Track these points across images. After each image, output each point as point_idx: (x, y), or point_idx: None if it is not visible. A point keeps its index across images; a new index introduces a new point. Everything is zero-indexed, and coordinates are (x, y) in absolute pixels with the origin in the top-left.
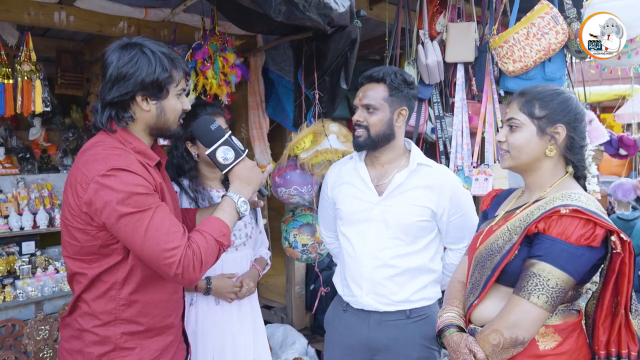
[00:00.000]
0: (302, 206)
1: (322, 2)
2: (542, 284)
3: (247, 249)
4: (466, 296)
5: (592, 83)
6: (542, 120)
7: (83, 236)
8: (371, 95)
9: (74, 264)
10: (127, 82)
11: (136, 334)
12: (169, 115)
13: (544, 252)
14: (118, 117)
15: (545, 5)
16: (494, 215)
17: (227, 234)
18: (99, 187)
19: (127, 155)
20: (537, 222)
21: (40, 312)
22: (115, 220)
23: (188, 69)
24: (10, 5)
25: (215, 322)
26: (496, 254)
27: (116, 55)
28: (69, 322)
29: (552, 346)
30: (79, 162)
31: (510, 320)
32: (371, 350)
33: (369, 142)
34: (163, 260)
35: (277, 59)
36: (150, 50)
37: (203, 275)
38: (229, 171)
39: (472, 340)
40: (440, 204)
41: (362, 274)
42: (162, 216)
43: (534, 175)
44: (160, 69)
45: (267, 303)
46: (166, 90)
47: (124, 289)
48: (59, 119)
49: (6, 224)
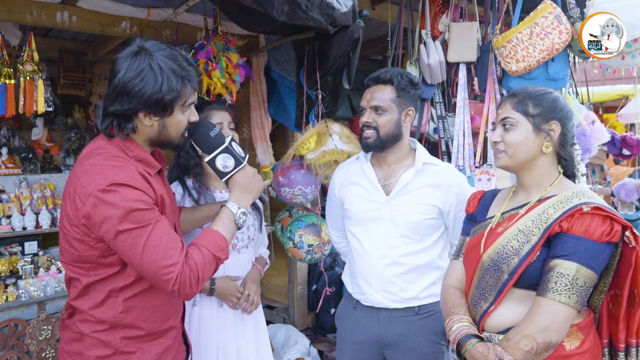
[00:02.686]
0: (299, 206)
1: (324, 2)
2: (571, 284)
3: (249, 251)
4: (473, 303)
5: (595, 83)
6: (537, 118)
7: (81, 246)
8: (379, 96)
9: (72, 270)
10: (131, 98)
11: (136, 338)
12: (171, 130)
13: (569, 251)
14: (120, 126)
15: (549, 5)
16: (485, 218)
17: (225, 247)
18: (98, 202)
19: (128, 167)
20: (560, 222)
21: (42, 312)
22: (114, 235)
23: (199, 81)
24: (13, 5)
25: (218, 323)
26: (512, 257)
27: (125, 64)
28: (69, 325)
29: (577, 345)
30: (79, 171)
31: (542, 324)
32: (381, 345)
33: (378, 143)
34: (161, 276)
35: (280, 59)
36: (159, 66)
37: (199, 289)
38: (228, 179)
39: (501, 349)
40: (447, 202)
41: (371, 272)
42: (160, 231)
43: (531, 174)
44: (166, 88)
45: (269, 303)
46: (171, 108)
47: (121, 296)
48: (62, 119)
49: (9, 224)
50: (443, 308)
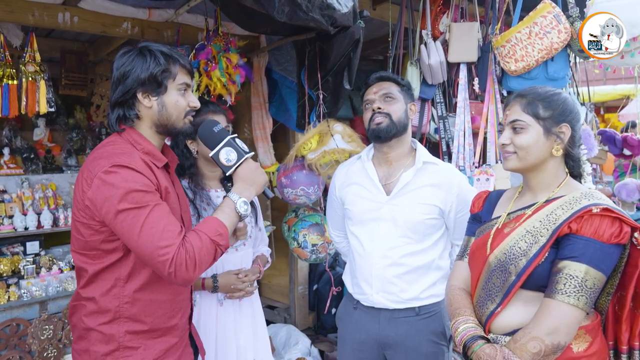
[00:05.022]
0: (305, 206)
1: (325, 3)
2: (580, 285)
3: (247, 249)
4: (479, 304)
5: (595, 83)
6: (547, 121)
7: (87, 230)
8: (387, 87)
9: (79, 258)
10: (127, 80)
11: (140, 333)
12: (171, 110)
13: (578, 252)
14: (125, 116)
15: (548, 5)
16: (491, 218)
17: (224, 233)
18: (101, 183)
19: (132, 154)
20: (569, 223)
21: (44, 311)
22: (114, 215)
23: (190, 65)
24: (15, 6)
25: (217, 322)
26: (520, 258)
27: (118, 60)
28: (76, 323)
29: (584, 347)
30: (89, 159)
31: (550, 326)
32: (381, 345)
33: (392, 128)
34: (156, 257)
35: (281, 60)
36: (148, 49)
37: (199, 275)
38: (232, 172)
39: (508, 351)
40: (447, 202)
41: (372, 272)
42: (159, 214)
43: (540, 176)
44: (154, 64)
45: (270, 303)
46: (164, 85)
47: (127, 286)
48: (63, 119)
49: (11, 224)
50: (448, 309)
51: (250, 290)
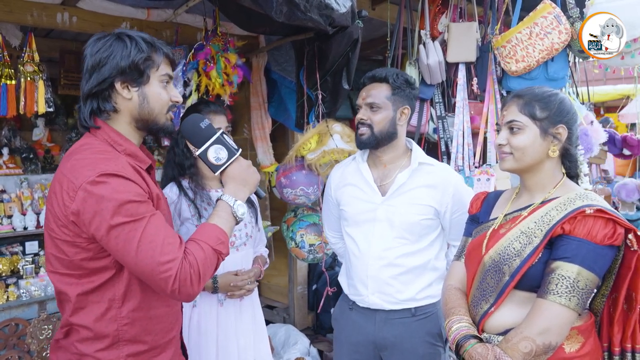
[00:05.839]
0: (304, 206)
1: (323, 3)
2: (572, 286)
3: (247, 249)
4: (474, 304)
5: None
6: (544, 122)
7: (71, 249)
8: (374, 94)
9: (61, 279)
10: (103, 68)
11: (140, 354)
12: (153, 104)
13: (571, 253)
14: (100, 109)
15: (548, 5)
16: (488, 219)
17: (225, 241)
18: (87, 196)
19: (118, 159)
20: (562, 224)
21: (43, 311)
22: (106, 231)
23: (172, 55)
24: (14, 6)
25: (218, 323)
26: (514, 258)
27: (92, 45)
28: (65, 346)
29: (577, 348)
30: (65, 167)
31: (542, 326)
32: (377, 347)
33: (372, 140)
34: (158, 274)
35: (280, 60)
36: (128, 35)
37: (201, 289)
38: (222, 172)
39: (500, 350)
40: (443, 202)
41: (367, 273)
42: (156, 226)
43: (536, 177)
44: (136, 50)
45: (269, 303)
46: (147, 75)
47: (125, 306)
48: (62, 119)
49: (10, 223)
50: (443, 308)
51: (250, 288)
